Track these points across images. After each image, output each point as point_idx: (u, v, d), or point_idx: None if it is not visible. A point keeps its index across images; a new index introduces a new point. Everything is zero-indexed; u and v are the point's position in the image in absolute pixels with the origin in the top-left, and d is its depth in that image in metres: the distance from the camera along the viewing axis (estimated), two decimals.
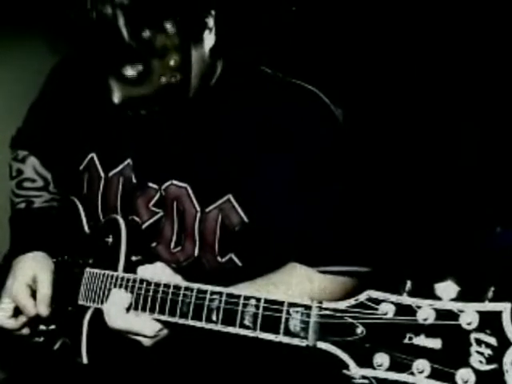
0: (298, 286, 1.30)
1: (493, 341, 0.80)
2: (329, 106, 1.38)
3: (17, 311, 1.45)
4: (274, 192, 1.33)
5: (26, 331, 1.48)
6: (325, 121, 1.37)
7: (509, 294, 0.85)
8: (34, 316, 1.45)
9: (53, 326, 1.50)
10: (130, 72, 1.20)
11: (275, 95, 1.36)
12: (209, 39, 1.28)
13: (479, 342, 0.81)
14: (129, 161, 1.45)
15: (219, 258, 1.41)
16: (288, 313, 0.98)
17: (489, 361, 0.80)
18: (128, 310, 1.23)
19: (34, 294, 1.46)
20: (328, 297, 1.30)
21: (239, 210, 1.36)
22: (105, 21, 1.13)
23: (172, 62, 1.22)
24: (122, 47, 1.15)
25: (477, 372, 0.80)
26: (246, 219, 1.37)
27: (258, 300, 1.03)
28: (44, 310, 1.44)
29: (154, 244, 1.44)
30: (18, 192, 1.62)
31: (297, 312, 0.98)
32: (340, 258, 1.33)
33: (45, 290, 1.45)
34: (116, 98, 1.24)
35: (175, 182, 1.40)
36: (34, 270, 1.46)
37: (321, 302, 0.96)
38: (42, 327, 1.50)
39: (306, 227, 1.32)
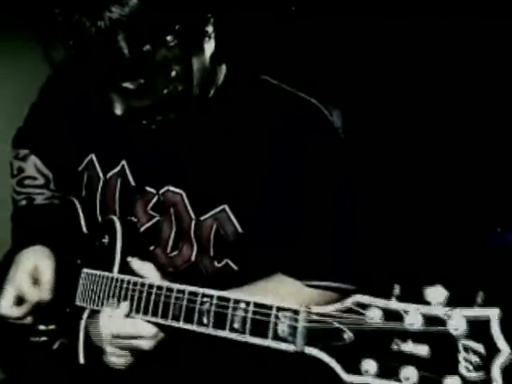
0: (286, 297, 1.29)
1: (481, 348, 0.79)
2: (328, 119, 1.38)
3: (19, 300, 1.45)
4: (270, 204, 1.33)
5: (28, 320, 1.47)
6: (323, 133, 1.36)
7: (499, 298, 0.83)
8: (37, 303, 1.44)
9: (52, 326, 1.50)
10: (131, 86, 1.19)
11: (275, 106, 1.35)
12: (209, 46, 1.27)
13: (467, 349, 0.79)
14: (124, 163, 1.45)
15: (216, 263, 1.40)
16: (276, 317, 0.98)
17: (476, 368, 0.78)
18: (127, 316, 1.23)
19: (36, 282, 1.45)
20: None
21: (234, 220, 1.36)
22: (104, 37, 1.10)
23: (173, 74, 1.21)
24: (122, 62, 1.14)
25: (464, 380, 0.79)
26: (240, 230, 1.36)
27: (248, 304, 1.03)
28: (47, 295, 1.43)
29: (151, 247, 1.44)
30: (19, 190, 1.62)
31: (285, 316, 0.97)
32: (328, 274, 1.33)
33: (47, 275, 1.44)
34: (118, 110, 1.23)
35: (171, 188, 1.40)
36: (36, 258, 1.46)
37: (309, 307, 0.94)
38: (42, 327, 1.50)
39: (298, 241, 1.33)
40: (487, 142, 2.63)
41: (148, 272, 1.26)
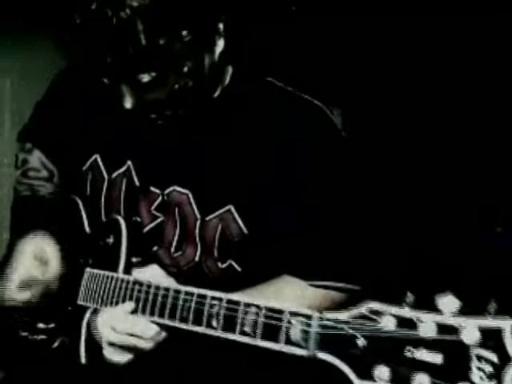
0: (290, 298, 1.31)
1: (494, 357, 0.80)
2: (332, 120, 1.39)
3: (25, 285, 1.44)
4: (275, 206, 1.34)
5: (32, 304, 1.46)
6: (327, 134, 1.38)
7: (510, 306, 0.85)
8: (43, 288, 1.44)
9: (52, 325, 1.50)
10: (144, 78, 1.21)
11: (279, 108, 1.37)
12: (219, 44, 1.29)
13: (480, 358, 0.81)
14: (129, 163, 1.46)
15: (219, 264, 1.41)
16: (289, 322, 0.99)
17: (489, 377, 0.80)
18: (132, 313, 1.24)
19: (42, 264, 1.45)
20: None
21: (239, 221, 1.37)
22: (124, 26, 1.13)
23: (185, 69, 1.23)
24: (138, 53, 1.16)
25: None
26: (245, 231, 1.37)
27: (259, 307, 1.03)
28: (57, 270, 1.44)
29: (155, 248, 1.45)
30: (22, 180, 1.61)
31: (298, 321, 0.98)
32: (332, 273, 1.34)
33: (53, 253, 1.44)
34: (128, 103, 1.25)
35: (178, 188, 1.40)
36: (38, 242, 1.46)
37: (322, 313, 0.96)
38: (41, 325, 1.50)
39: (303, 241, 1.33)
40: (487, 142, 2.65)
41: (152, 276, 1.27)
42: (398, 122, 2.73)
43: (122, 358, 1.28)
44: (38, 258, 1.45)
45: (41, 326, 1.50)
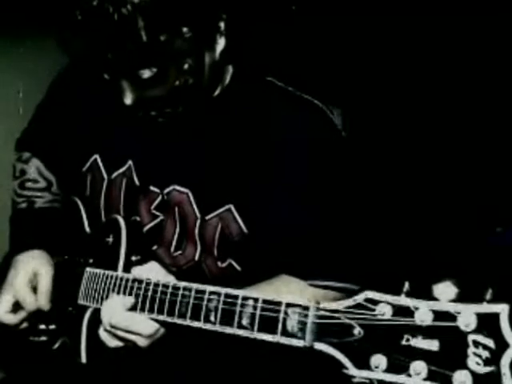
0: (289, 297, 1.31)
1: (490, 343, 0.80)
2: (332, 121, 1.39)
3: (16, 306, 1.45)
4: (275, 206, 1.34)
5: (24, 326, 1.48)
6: (327, 135, 1.38)
7: (507, 294, 0.84)
8: (33, 311, 1.45)
9: (53, 326, 1.50)
10: (144, 74, 1.21)
11: (280, 108, 1.37)
12: (220, 43, 1.29)
13: (477, 344, 0.81)
14: (130, 163, 1.46)
15: (219, 263, 1.41)
16: (286, 313, 0.98)
17: (486, 363, 0.80)
18: (130, 310, 1.24)
19: (34, 290, 1.46)
20: None
21: (239, 220, 1.37)
22: (125, 22, 1.13)
23: (186, 66, 1.23)
24: (139, 49, 1.16)
25: (474, 374, 0.80)
26: (245, 230, 1.37)
27: (256, 300, 1.03)
28: (45, 304, 1.44)
29: (154, 247, 1.45)
30: (20, 192, 1.62)
31: (294, 312, 0.97)
32: (331, 274, 1.34)
33: (46, 284, 1.45)
34: (128, 99, 1.25)
35: (177, 187, 1.41)
36: (35, 265, 1.46)
37: (318, 303, 0.95)
38: (42, 326, 1.50)
39: (303, 241, 1.33)
40: (487, 142, 2.64)
41: (152, 273, 1.27)
42: (398, 122, 2.73)
43: (118, 343, 1.28)
44: (31, 282, 1.45)
45: (41, 327, 1.50)
